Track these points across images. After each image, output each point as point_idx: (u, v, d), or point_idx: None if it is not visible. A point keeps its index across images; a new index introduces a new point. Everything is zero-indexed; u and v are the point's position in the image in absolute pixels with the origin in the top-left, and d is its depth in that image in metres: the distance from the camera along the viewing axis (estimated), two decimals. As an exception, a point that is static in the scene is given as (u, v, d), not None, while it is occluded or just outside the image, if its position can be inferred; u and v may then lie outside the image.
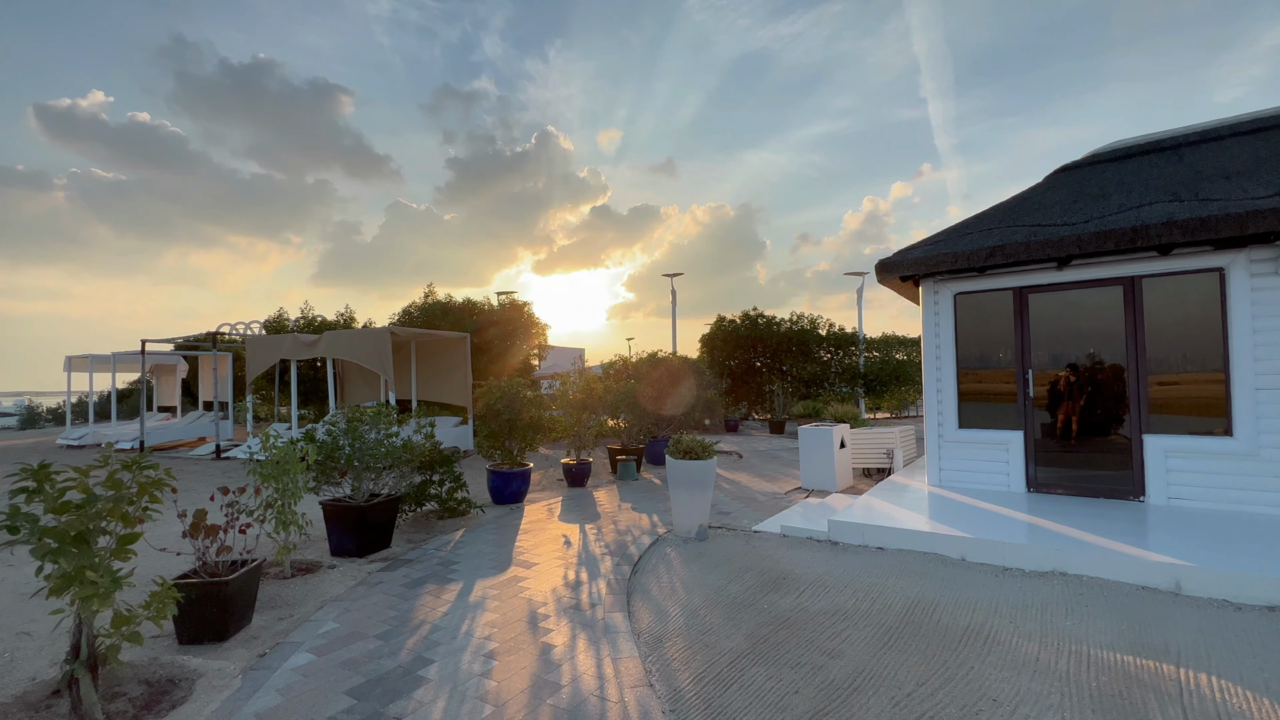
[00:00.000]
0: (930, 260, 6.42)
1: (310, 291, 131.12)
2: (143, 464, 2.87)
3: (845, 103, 55.80)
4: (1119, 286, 5.85)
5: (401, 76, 55.70)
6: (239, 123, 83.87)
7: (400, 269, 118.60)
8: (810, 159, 65.82)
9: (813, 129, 60.15)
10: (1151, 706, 2.63)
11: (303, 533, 4.55)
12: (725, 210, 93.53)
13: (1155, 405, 5.68)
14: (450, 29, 49.19)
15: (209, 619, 3.44)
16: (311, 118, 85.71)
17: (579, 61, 59.37)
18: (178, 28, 59.59)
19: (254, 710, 2.71)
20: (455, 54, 54.83)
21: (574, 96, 68.45)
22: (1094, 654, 3.13)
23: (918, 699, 2.71)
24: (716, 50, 51.65)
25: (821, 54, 47.60)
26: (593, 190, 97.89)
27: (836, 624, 3.58)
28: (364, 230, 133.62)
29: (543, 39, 56.88)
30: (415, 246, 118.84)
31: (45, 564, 2.52)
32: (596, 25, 54.91)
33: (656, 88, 58.30)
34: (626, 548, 5.27)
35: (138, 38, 57.43)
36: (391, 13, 46.67)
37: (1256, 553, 4.16)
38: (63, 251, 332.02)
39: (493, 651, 3.29)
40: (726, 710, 2.67)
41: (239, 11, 47.78)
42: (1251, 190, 5.16)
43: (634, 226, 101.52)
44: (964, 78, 49.65)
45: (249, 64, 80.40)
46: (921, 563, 4.67)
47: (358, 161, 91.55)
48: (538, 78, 62.30)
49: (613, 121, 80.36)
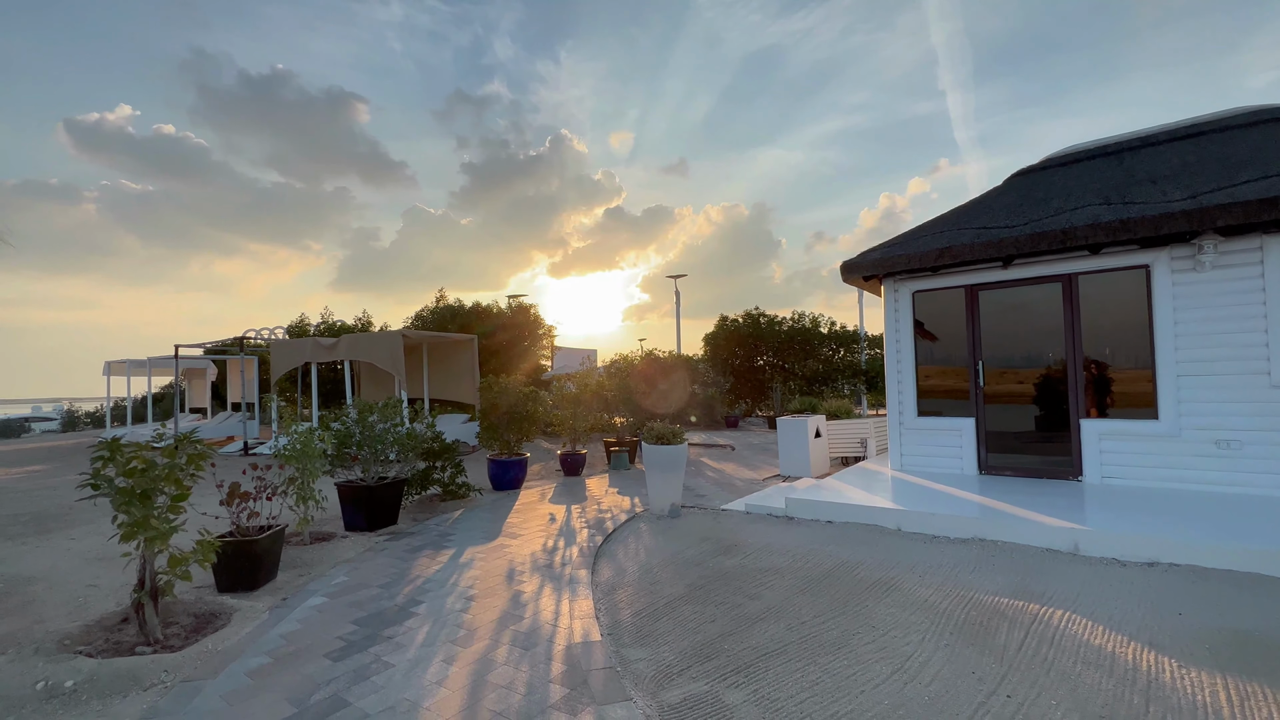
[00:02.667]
0: (887, 261, 6.97)
1: (330, 297, 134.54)
2: (190, 440, 3.60)
3: (860, 98, 55.56)
4: (1059, 283, 6.35)
5: (414, 82, 56.78)
6: (258, 133, 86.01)
7: (417, 274, 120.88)
8: (825, 156, 65.54)
9: (827, 125, 59.93)
10: (1001, 630, 3.20)
11: (319, 507, 5.28)
12: (739, 209, 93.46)
13: (1090, 392, 6.17)
14: (461, 33, 50.08)
15: (242, 571, 4.16)
16: (328, 126, 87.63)
17: (589, 62, 59.87)
18: (198, 41, 61.50)
19: (279, 633, 3.41)
20: (466, 58, 55.74)
21: (585, 98, 68.97)
22: (977, 597, 3.69)
23: (810, 625, 3.32)
24: (727, 47, 51.75)
25: (834, 48, 47.49)
26: (606, 192, 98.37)
27: (767, 577, 4.18)
28: (382, 236, 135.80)
29: (553, 40, 57.48)
30: (431, 251, 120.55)
31: (119, 514, 3.25)
32: (605, 25, 55.44)
33: (667, 87, 58.53)
34: (604, 523, 5.92)
35: (160, 51, 59.44)
36: (403, 18, 47.71)
37: (1153, 520, 4.67)
38: (93, 262, 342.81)
39: (473, 595, 3.96)
40: (653, 633, 3.30)
41: (255, 22, 49.23)
42: (1170, 194, 5.64)
43: (647, 228, 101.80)
44: (983, 69, 49.11)
45: (267, 75, 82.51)
46: (861, 533, 5.24)
47: (374, 168, 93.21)
48: (549, 79, 62.94)
49: (624, 123, 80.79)
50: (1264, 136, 6.05)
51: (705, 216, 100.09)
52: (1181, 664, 2.79)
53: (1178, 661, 2.82)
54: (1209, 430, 5.55)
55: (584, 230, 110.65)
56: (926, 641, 3.09)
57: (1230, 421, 5.47)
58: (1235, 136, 6.29)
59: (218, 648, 3.25)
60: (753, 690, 2.65)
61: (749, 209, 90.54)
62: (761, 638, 3.19)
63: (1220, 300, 5.53)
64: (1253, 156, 5.71)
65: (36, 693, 2.73)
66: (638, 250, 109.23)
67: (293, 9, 49.14)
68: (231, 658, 3.11)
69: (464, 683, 2.80)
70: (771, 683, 2.71)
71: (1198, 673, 2.71)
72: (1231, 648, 2.94)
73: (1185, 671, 2.72)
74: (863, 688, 2.64)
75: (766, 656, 2.97)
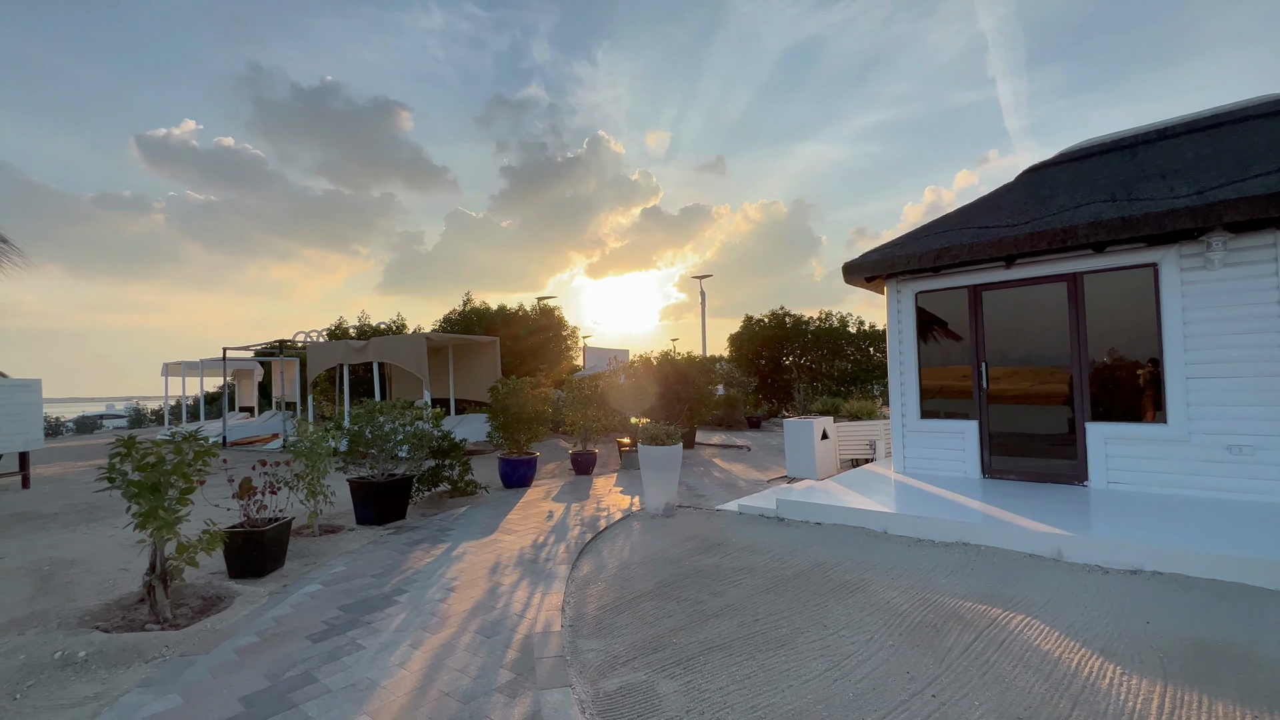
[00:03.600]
0: (887, 261, 6.91)
1: (376, 299, 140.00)
2: (196, 439, 3.95)
3: (903, 88, 54.26)
4: (1064, 283, 6.18)
5: (455, 88, 58.60)
6: (309, 142, 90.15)
7: (459, 276, 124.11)
8: (867, 149, 64.39)
9: (869, 118, 58.74)
10: (952, 633, 3.22)
11: (328, 502, 5.64)
12: (778, 207, 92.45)
13: (1097, 395, 5.99)
14: (500, 38, 51.37)
15: (250, 559, 4.52)
16: (374, 134, 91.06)
17: (625, 62, 60.41)
18: (254, 56, 65.06)
19: (272, 615, 3.72)
20: (505, 62, 57.16)
21: (621, 98, 69.64)
22: (940, 600, 3.70)
23: (762, 623, 3.41)
24: (764, 42, 51.42)
25: (876, 38, 46.59)
26: (643, 192, 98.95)
27: (738, 576, 4.28)
28: (425, 240, 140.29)
29: (590, 41, 58.28)
30: (472, 254, 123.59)
31: (132, 505, 3.61)
32: (642, 24, 55.81)
33: (703, 85, 58.57)
34: (598, 522, 6.10)
35: (220, 68, 63.16)
36: (444, 25, 49.27)
37: (1151, 527, 4.54)
38: (161, 269, 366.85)
39: (454, 586, 4.20)
40: (611, 626, 3.46)
41: (306, 36, 51.78)
42: (1178, 190, 5.43)
43: (684, 227, 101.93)
44: (1036, 53, 47.18)
45: (317, 87, 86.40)
46: (847, 534, 5.26)
47: (417, 174, 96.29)
48: (586, 81, 63.92)
49: (660, 122, 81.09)
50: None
51: (743, 214, 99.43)
52: (1125, 671, 2.77)
53: (1122, 669, 2.80)
54: (1220, 435, 5.33)
55: (621, 230, 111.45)
56: (872, 642, 3.15)
57: (1242, 426, 5.24)
58: (1254, 127, 5.99)
59: (216, 627, 3.58)
60: (686, 681, 2.78)
61: (788, 206, 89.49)
62: (711, 633, 3.30)
63: (1231, 299, 5.30)
64: (1270, 148, 5.44)
65: (54, 661, 3.09)
66: (674, 249, 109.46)
67: (341, 21, 51.44)
68: (226, 637, 3.43)
69: (423, 665, 3.03)
70: (706, 675, 2.83)
71: (1138, 680, 2.69)
72: (1185, 657, 2.89)
73: (1126, 679, 2.71)
74: (791, 683, 2.74)
75: (710, 651, 3.08)
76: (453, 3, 61.29)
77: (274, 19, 67.88)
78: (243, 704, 2.69)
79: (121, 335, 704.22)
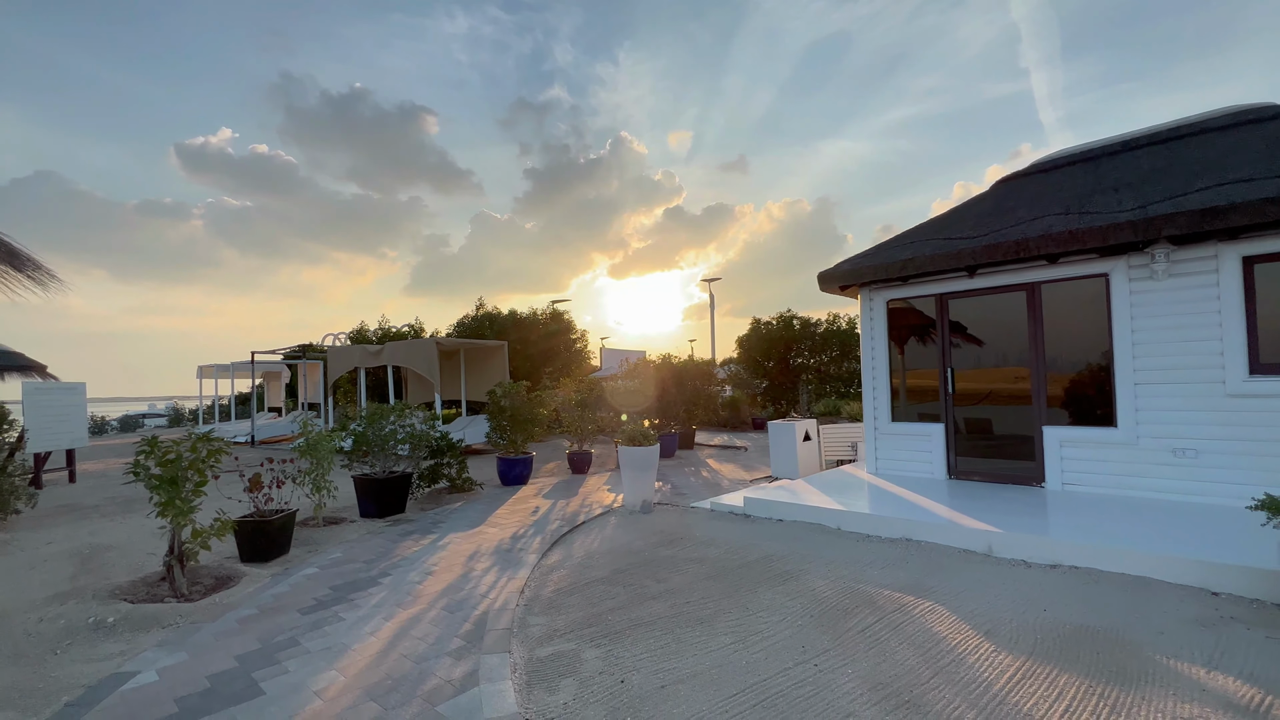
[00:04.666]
0: (857, 271, 7.23)
1: (404, 301, 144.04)
2: (210, 439, 4.54)
3: (932, 82, 53.54)
4: (1023, 292, 6.43)
5: (479, 92, 59.86)
6: (339, 148, 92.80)
7: (483, 278, 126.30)
8: (894, 145, 63.77)
9: (896, 113, 58.12)
10: (859, 616, 3.60)
11: (331, 496, 6.23)
12: (801, 205, 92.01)
13: (1054, 400, 6.23)
14: (522, 40, 52.36)
15: (258, 546, 5.11)
16: (401, 139, 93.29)
17: (648, 61, 60.86)
18: (285, 65, 67.37)
19: (272, 593, 4.28)
20: (528, 64, 58.18)
21: (644, 97, 70.19)
22: (863, 589, 4.07)
23: (692, 605, 3.83)
24: (788, 38, 51.32)
25: (904, 31, 46.11)
26: (666, 192, 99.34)
27: (688, 565, 4.70)
28: (451, 242, 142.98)
29: (612, 41, 58.94)
30: (497, 256, 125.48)
31: (154, 496, 4.21)
32: (664, 22, 56.19)
33: (726, 83, 58.68)
34: (578, 517, 6.57)
35: (254, 76, 65.68)
36: (468, 29, 50.44)
37: (1078, 525, 4.82)
38: (199, 273, 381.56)
39: (433, 571, 4.71)
40: (561, 605, 3.92)
41: (335, 44, 53.48)
42: (1125, 203, 5.66)
43: (707, 226, 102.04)
44: (1072, 42, 46.03)
45: (346, 94, 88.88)
46: (804, 530, 5.63)
47: (443, 177, 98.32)
48: (608, 81, 64.62)
49: (682, 122, 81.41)
50: (1236, 140, 5.91)
51: (766, 213, 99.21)
52: (997, 649, 3.13)
53: (995, 647, 3.15)
54: (1166, 439, 5.55)
55: (644, 231, 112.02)
56: (784, 622, 3.54)
57: (1187, 430, 5.45)
58: (1210, 140, 6.16)
59: (224, 601, 4.15)
60: (608, 650, 3.23)
61: (812, 204, 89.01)
62: (644, 612, 3.74)
63: (1176, 308, 5.52)
64: (1219, 161, 5.63)
65: (88, 625, 3.68)
66: (697, 249, 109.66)
67: (369, 28, 53.03)
68: (230, 609, 3.99)
69: (391, 634, 3.53)
70: (626, 645, 3.27)
71: (1004, 657, 3.04)
72: (1058, 639, 3.22)
73: (994, 655, 3.06)
74: (697, 652, 3.16)
75: (637, 627, 3.52)
76: (476, 7, 62.80)
77: (304, 28, 70.26)
78: (237, 661, 3.23)
79: (165, 337, 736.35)
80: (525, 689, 2.87)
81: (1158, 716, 2.50)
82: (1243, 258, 5.22)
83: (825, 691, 2.74)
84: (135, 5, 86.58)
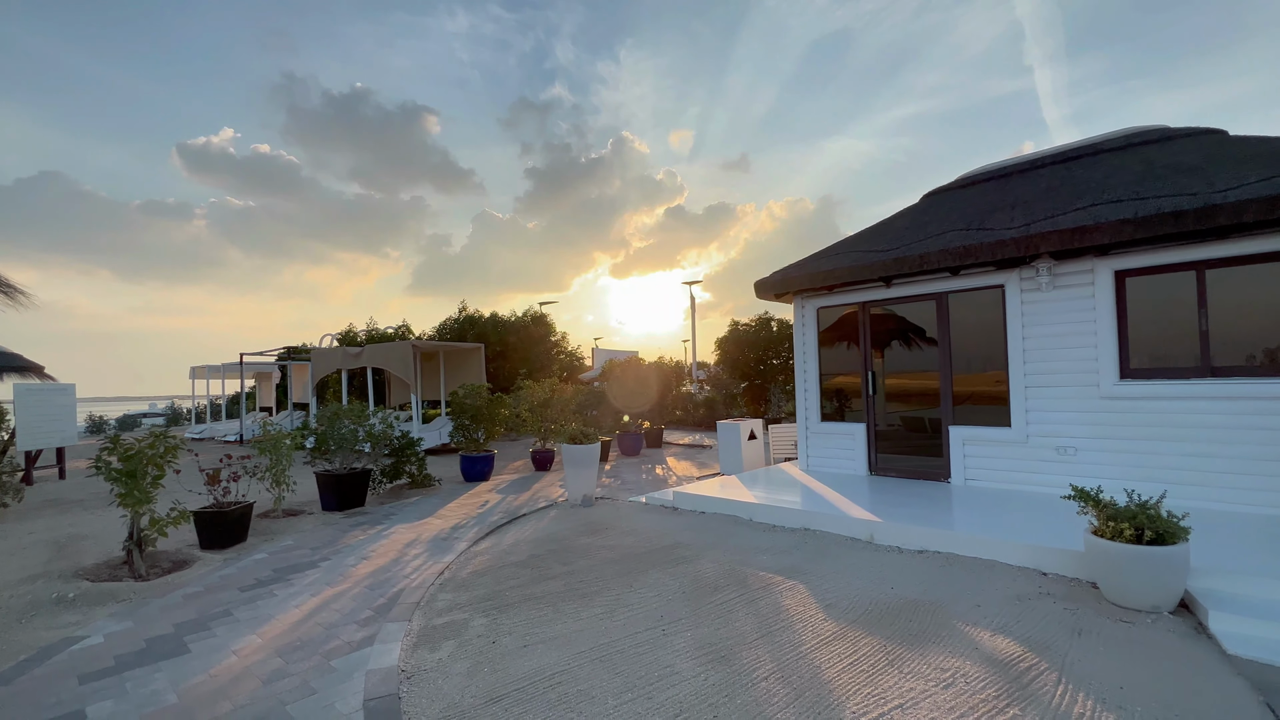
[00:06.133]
0: (787, 281, 7.73)
1: (406, 301, 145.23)
2: (166, 436, 5.06)
3: (936, 79, 53.86)
4: (933, 301, 6.92)
5: (480, 91, 60.35)
6: (341, 148, 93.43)
7: (486, 277, 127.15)
8: (897, 143, 64.08)
9: (900, 110, 58.45)
10: (725, 592, 4.10)
11: (291, 490, 6.75)
12: (804, 204, 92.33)
13: (961, 400, 6.72)
14: (524, 39, 52.82)
15: (217, 534, 5.63)
16: (403, 139, 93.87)
17: (650, 59, 61.29)
18: (287, 65, 67.96)
19: (220, 574, 4.80)
20: (529, 63, 58.64)
21: (646, 96, 70.62)
22: (743, 571, 4.56)
23: (582, 584, 4.34)
24: (791, 35, 51.68)
25: (908, 28, 46.43)
26: (667, 191, 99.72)
27: (599, 551, 5.20)
28: (453, 241, 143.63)
29: (613, 39, 59.35)
30: (499, 255, 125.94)
31: (113, 487, 4.73)
32: (666, 20, 56.57)
33: (728, 81, 59.06)
34: (521, 510, 7.08)
35: (256, 77, 66.29)
36: (469, 28, 50.94)
37: (956, 516, 5.31)
38: (204, 273, 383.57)
39: (369, 555, 5.23)
40: (470, 584, 4.43)
41: (338, 43, 54.06)
42: (1015, 220, 6.14)
43: (709, 226, 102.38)
44: (1078, 39, 46.16)
45: (348, 93, 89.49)
46: (720, 522, 6.12)
47: (445, 177, 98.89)
48: (609, 80, 65.08)
49: (684, 120, 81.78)
50: (1122, 162, 6.38)
51: (768, 212, 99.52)
52: (826, 619, 3.63)
53: (826, 617, 3.65)
54: (1051, 438, 6.04)
55: (645, 230, 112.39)
56: (658, 597, 4.05)
57: (1068, 429, 5.94)
58: (1103, 161, 6.63)
59: (176, 581, 4.67)
60: (494, 619, 3.74)
61: (814, 203, 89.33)
62: (538, 590, 4.24)
63: (1059, 318, 6.00)
64: (1102, 182, 6.11)
65: (51, 600, 4.21)
66: (699, 249, 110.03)
67: (371, 27, 53.54)
68: (179, 587, 4.51)
69: (313, 607, 4.05)
70: (511, 615, 3.78)
71: (829, 624, 3.54)
72: (884, 610, 3.72)
73: (821, 624, 3.56)
74: (568, 620, 3.67)
75: (527, 601, 4.03)
76: (478, 4, 63.61)
77: (306, 27, 71.01)
78: (174, 628, 3.75)
79: (170, 337, 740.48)
80: (411, 649, 3.38)
81: (924, 667, 3.00)
82: (1115, 272, 5.71)
83: (659, 650, 3.25)
84: (136, 5, 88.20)
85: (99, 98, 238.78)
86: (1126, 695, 2.72)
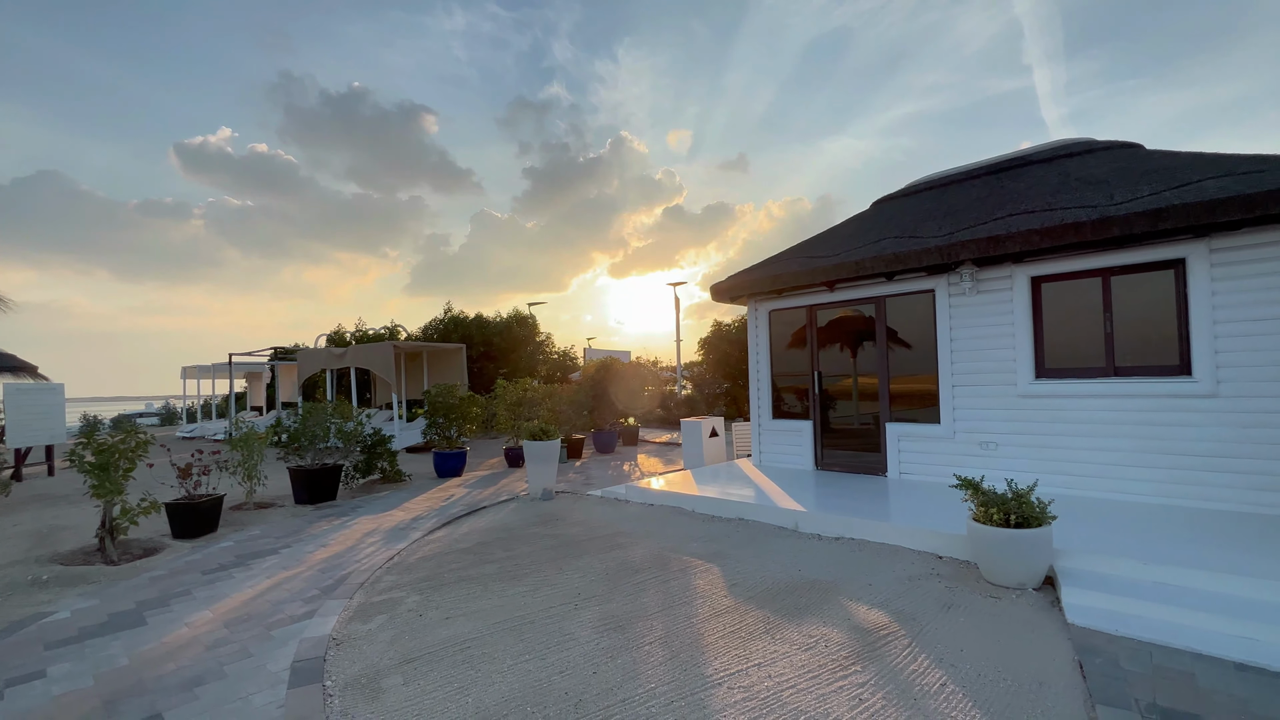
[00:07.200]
0: (739, 285, 8.10)
1: (405, 301, 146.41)
2: (137, 431, 5.43)
3: (934, 78, 54.27)
4: (872, 304, 7.30)
5: (478, 90, 60.66)
6: (339, 148, 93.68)
7: (485, 277, 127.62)
8: (897, 142, 64.42)
9: (899, 110, 58.83)
10: (647, 573, 4.47)
11: (262, 484, 7.12)
12: (802, 203, 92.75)
13: (901, 400, 7.10)
14: (521, 37, 53.13)
15: (188, 524, 6.00)
16: (401, 138, 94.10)
17: (648, 58, 61.65)
18: (285, 64, 68.17)
19: (186, 560, 5.17)
20: (527, 61, 58.92)
21: (644, 95, 70.95)
22: (669, 556, 4.94)
23: (517, 567, 4.71)
24: (790, 34, 52.00)
25: (906, 27, 46.76)
26: (666, 191, 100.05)
27: (542, 539, 5.57)
28: (452, 241, 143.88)
29: (611, 38, 59.70)
30: (497, 255, 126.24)
31: (86, 479, 5.10)
32: (665, 18, 56.87)
33: (727, 80, 59.43)
34: (483, 503, 7.45)
35: (252, 76, 66.56)
36: (466, 26, 51.27)
37: (877, 506, 5.69)
38: (203, 272, 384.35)
39: (328, 544, 5.60)
40: (415, 567, 4.80)
41: (335, 42, 54.34)
42: (943, 228, 6.52)
43: (707, 225, 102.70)
44: (1076, 38, 46.42)
45: (345, 93, 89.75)
46: (665, 513, 6.50)
47: (443, 177, 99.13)
48: (607, 79, 65.35)
49: (683, 120, 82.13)
50: (1045, 174, 6.75)
51: (766, 212, 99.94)
52: (727, 595, 4.00)
53: (727, 594, 4.02)
54: (975, 434, 6.42)
55: (644, 230, 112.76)
56: (582, 578, 4.42)
57: (989, 425, 6.32)
58: (1029, 172, 7.01)
59: (144, 566, 5.04)
60: (426, 597, 4.11)
61: (812, 202, 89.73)
62: (475, 572, 4.62)
63: (982, 320, 6.38)
64: (1024, 193, 6.48)
65: (28, 582, 4.58)
66: (697, 249, 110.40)
67: (369, 26, 53.83)
68: (147, 571, 4.88)
69: (265, 587, 4.42)
70: (444, 593, 4.15)
71: (727, 600, 3.91)
72: (784, 589, 4.09)
73: (720, 600, 3.93)
74: (494, 596, 4.04)
75: (462, 581, 4.40)
76: (475, 3, 64.23)
77: (303, 26, 71.48)
78: (136, 605, 4.12)
79: (168, 337, 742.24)
80: (346, 621, 3.75)
81: (795, 635, 3.38)
82: (1031, 278, 6.09)
83: (565, 621, 3.62)
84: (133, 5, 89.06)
85: (96, 97, 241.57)
86: (963, 656, 3.10)
